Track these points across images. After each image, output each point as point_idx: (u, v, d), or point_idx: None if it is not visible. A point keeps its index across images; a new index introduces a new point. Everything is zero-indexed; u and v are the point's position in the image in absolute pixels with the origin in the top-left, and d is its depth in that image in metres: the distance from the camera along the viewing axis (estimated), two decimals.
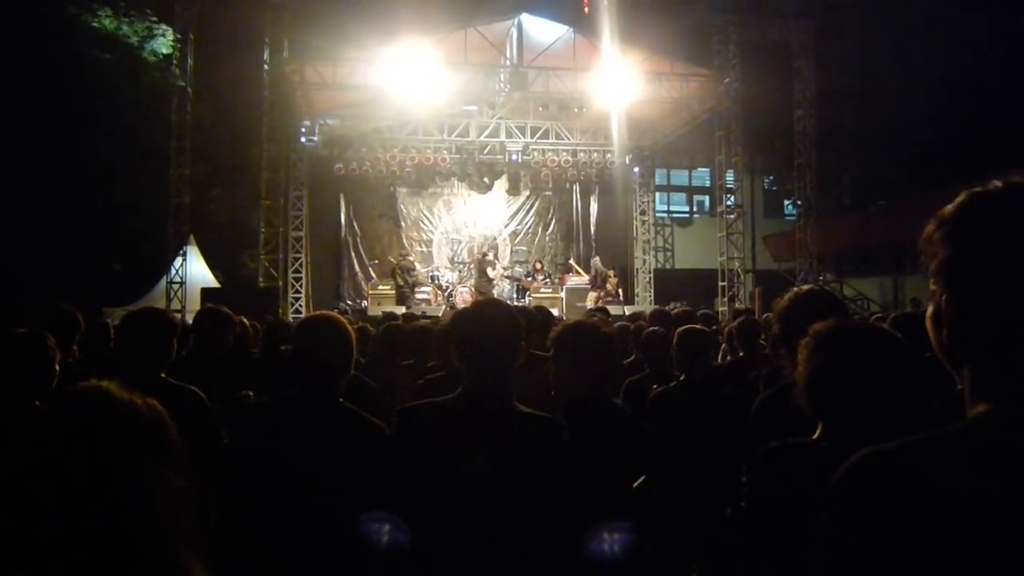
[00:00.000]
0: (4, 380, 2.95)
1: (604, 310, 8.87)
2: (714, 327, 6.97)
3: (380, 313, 12.95)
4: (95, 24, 18.96)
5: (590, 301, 18.59)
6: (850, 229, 23.76)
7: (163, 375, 3.26)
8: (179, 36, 16.89)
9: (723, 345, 6.56)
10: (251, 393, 4.73)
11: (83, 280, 16.54)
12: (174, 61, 17.01)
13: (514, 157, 21.24)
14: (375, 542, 2.33)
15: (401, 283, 18.81)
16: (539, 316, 5.40)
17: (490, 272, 19.66)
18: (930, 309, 1.13)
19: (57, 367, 3.08)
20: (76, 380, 1.40)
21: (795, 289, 2.65)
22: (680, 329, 4.41)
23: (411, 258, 21.01)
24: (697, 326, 4.62)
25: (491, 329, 2.52)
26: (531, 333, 4.87)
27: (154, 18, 19.02)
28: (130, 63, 19.30)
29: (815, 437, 1.90)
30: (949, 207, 1.12)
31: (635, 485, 2.86)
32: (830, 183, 23.91)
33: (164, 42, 19.51)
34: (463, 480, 2.34)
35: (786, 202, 28.12)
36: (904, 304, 19.60)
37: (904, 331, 2.99)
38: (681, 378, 4.28)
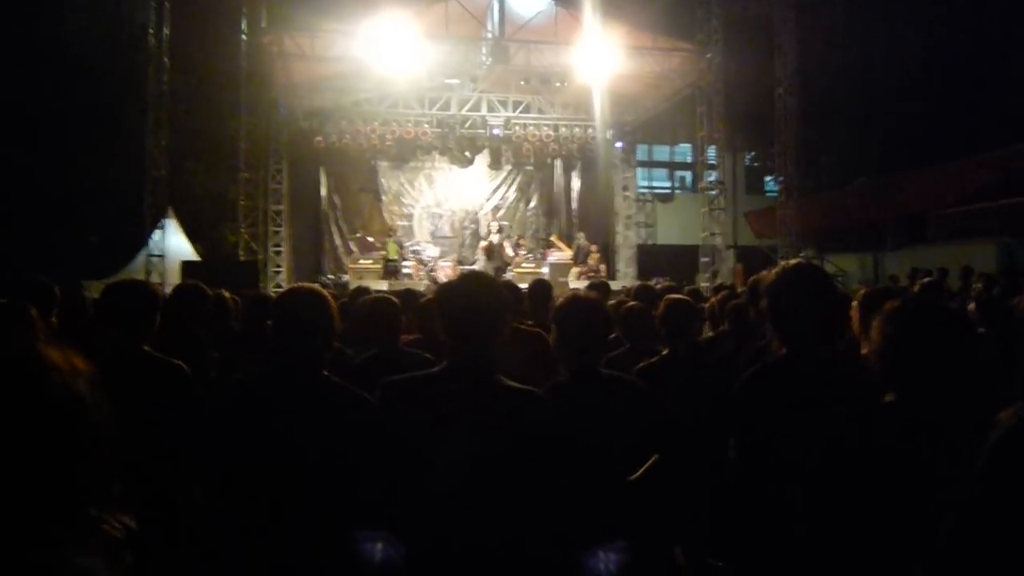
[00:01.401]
0: None
1: (605, 285, 8.75)
2: (700, 304, 6.95)
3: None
4: None
5: (572, 276, 18.60)
6: (831, 206, 23.88)
7: (145, 348, 3.22)
8: (155, 5, 16.58)
9: (706, 322, 6.56)
10: (215, 355, 4.67)
11: (60, 253, 16.38)
12: (150, 30, 16.71)
13: (495, 131, 21.13)
14: (369, 559, 2.36)
15: (395, 257, 18.70)
16: (539, 289, 5.38)
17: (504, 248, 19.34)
18: None
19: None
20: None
21: (782, 264, 2.65)
22: (666, 298, 4.38)
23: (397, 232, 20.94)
24: (682, 297, 4.59)
25: (476, 302, 2.52)
26: (518, 307, 4.87)
27: None
28: (105, 33, 18.98)
29: (888, 401, 2.03)
30: None
31: (648, 465, 2.90)
32: (811, 160, 23.97)
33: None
34: (446, 453, 2.35)
35: (767, 179, 28.22)
36: (883, 281, 19.76)
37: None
38: (664, 352, 4.23)
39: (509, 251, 19.65)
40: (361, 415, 2.63)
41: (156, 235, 16.28)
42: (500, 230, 20.28)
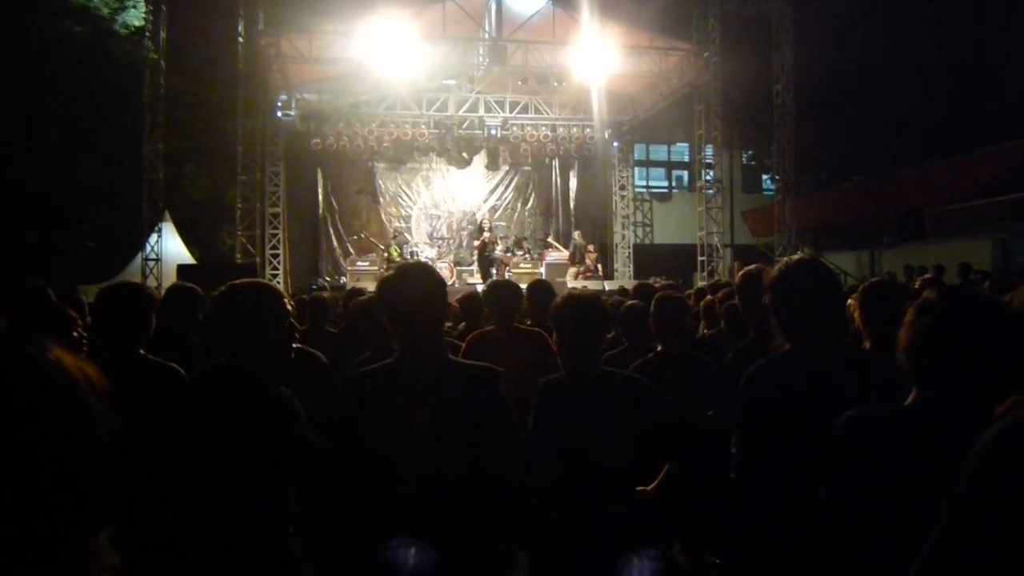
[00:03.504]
0: None
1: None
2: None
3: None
4: None
5: (570, 276, 18.57)
6: (828, 204, 23.89)
7: (142, 351, 3.21)
8: (151, 8, 16.55)
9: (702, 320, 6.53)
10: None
11: (56, 257, 16.35)
12: (146, 34, 16.69)
13: (493, 132, 21.13)
14: (402, 565, 2.39)
15: (398, 259, 18.58)
16: (539, 289, 5.37)
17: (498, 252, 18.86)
18: None
19: None
20: None
21: (785, 259, 2.63)
22: (657, 296, 4.37)
23: (404, 233, 20.73)
24: (672, 293, 4.58)
25: (416, 291, 2.58)
26: (518, 307, 4.85)
27: None
28: (101, 36, 18.97)
29: (908, 403, 1.87)
30: None
31: (661, 477, 2.90)
32: (808, 158, 23.98)
33: (136, 14, 19.22)
34: (409, 437, 2.43)
35: (764, 177, 28.21)
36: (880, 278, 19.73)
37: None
38: (658, 349, 4.20)
39: (500, 249, 19.29)
40: (279, 408, 2.54)
41: (152, 239, 16.25)
42: (489, 229, 19.76)
